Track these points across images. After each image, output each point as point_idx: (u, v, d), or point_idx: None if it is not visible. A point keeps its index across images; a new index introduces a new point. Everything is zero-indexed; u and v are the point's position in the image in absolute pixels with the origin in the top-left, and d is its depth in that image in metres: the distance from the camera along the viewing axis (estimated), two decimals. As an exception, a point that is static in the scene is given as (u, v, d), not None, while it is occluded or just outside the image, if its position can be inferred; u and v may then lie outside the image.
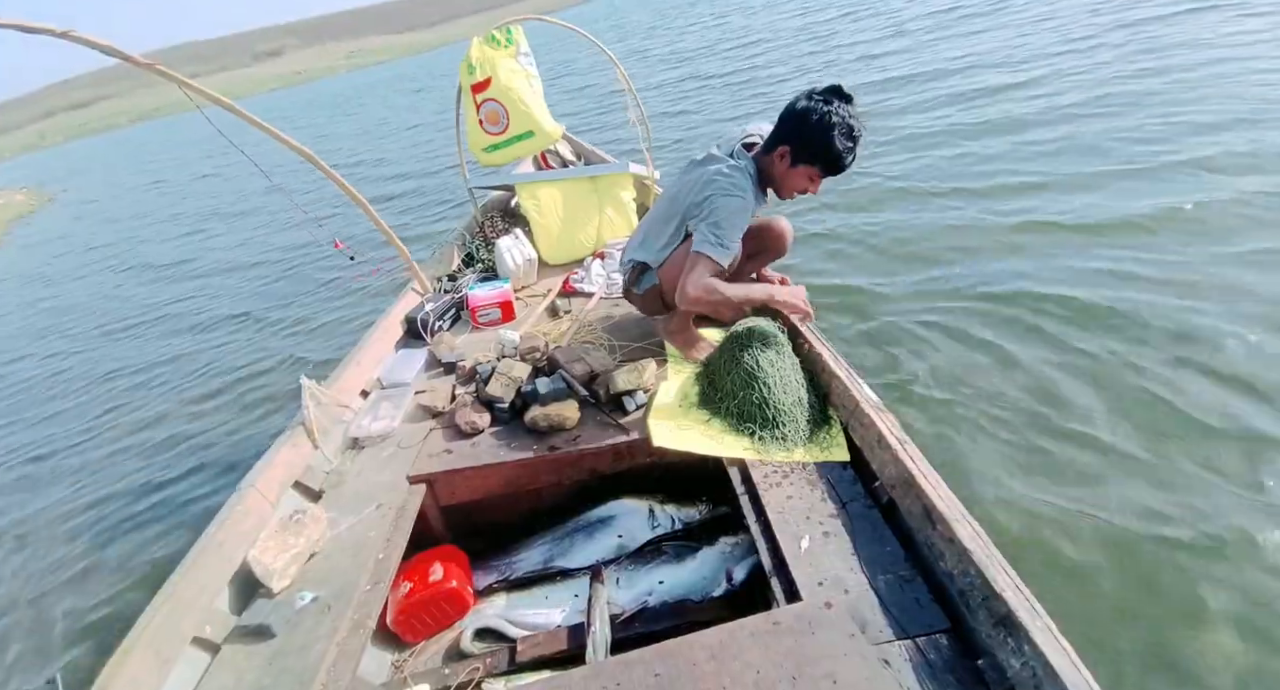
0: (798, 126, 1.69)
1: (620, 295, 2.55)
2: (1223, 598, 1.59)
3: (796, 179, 1.78)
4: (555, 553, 1.72)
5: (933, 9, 10.31)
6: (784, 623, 1.11)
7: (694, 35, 16.65)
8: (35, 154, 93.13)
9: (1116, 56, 5.62)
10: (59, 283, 8.89)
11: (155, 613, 1.23)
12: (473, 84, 3.01)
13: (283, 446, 1.71)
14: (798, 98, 1.71)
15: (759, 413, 1.60)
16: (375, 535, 1.52)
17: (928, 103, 5.94)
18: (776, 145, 1.75)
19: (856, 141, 1.68)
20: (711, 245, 1.72)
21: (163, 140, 41.69)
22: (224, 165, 16.38)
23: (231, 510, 1.48)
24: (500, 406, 1.85)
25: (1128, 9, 6.90)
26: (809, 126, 1.67)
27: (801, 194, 1.83)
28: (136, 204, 14.78)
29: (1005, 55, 6.68)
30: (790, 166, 1.75)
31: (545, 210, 3.01)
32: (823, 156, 1.70)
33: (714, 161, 1.84)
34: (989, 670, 0.99)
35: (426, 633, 1.57)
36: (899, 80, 6.89)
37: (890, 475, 1.33)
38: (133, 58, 1.89)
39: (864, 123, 1.69)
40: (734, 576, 1.51)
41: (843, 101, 1.67)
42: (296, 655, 1.25)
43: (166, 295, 6.75)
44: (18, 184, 30.57)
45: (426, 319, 2.45)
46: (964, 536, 1.09)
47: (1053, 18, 7.61)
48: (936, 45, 8.02)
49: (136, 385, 4.62)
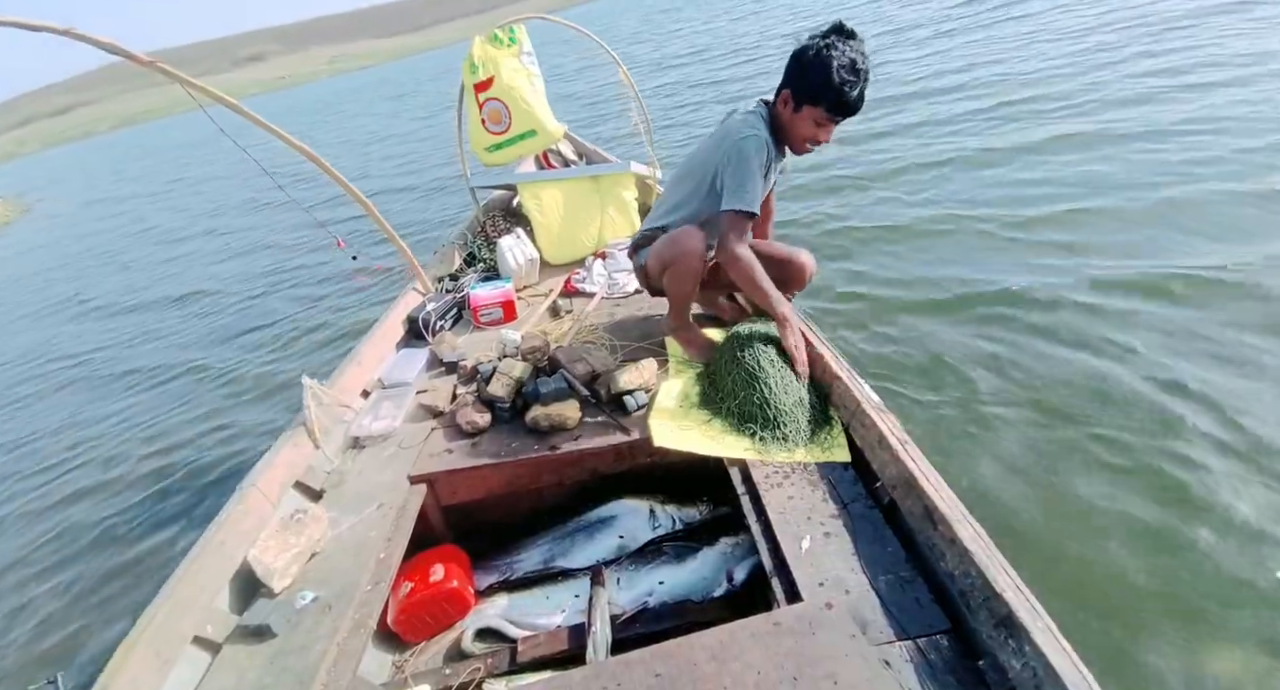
0: (796, 66, 1.64)
1: (621, 296, 2.56)
2: (1225, 599, 1.59)
3: (802, 125, 1.70)
4: (556, 553, 1.72)
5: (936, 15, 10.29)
6: (785, 623, 1.11)
7: (682, 39, 16.61)
8: (14, 162, 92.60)
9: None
10: (62, 273, 8.91)
11: (156, 612, 1.23)
12: (475, 83, 3.01)
13: (284, 446, 1.71)
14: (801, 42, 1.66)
15: (760, 413, 1.59)
16: (376, 535, 1.52)
17: (927, 105, 5.95)
18: (780, 92, 1.71)
19: (860, 76, 1.58)
20: (733, 195, 1.72)
21: (146, 144, 41.40)
22: (223, 167, 16.38)
23: (232, 510, 1.48)
24: (501, 406, 1.85)
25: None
26: (806, 64, 1.61)
27: (814, 144, 1.74)
28: (137, 204, 14.80)
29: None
30: (794, 111, 1.69)
31: (547, 210, 3.01)
32: (824, 94, 1.61)
33: (732, 116, 1.82)
34: (990, 671, 0.98)
35: (427, 633, 1.57)
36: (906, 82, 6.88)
37: (891, 476, 1.33)
38: (135, 56, 1.89)
39: (869, 60, 1.60)
40: (735, 577, 1.51)
41: (844, 37, 1.60)
42: (297, 655, 1.25)
43: (164, 296, 6.75)
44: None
45: (428, 318, 2.45)
46: (965, 537, 1.09)
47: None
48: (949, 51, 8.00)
49: (136, 385, 4.63)
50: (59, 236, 13.57)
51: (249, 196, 11.25)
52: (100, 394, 4.66)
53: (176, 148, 28.73)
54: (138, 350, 5.34)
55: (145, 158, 29.12)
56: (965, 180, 4.18)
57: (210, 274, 7.14)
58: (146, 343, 5.47)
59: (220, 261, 7.57)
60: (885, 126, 5.62)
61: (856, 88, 1.60)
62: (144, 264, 8.57)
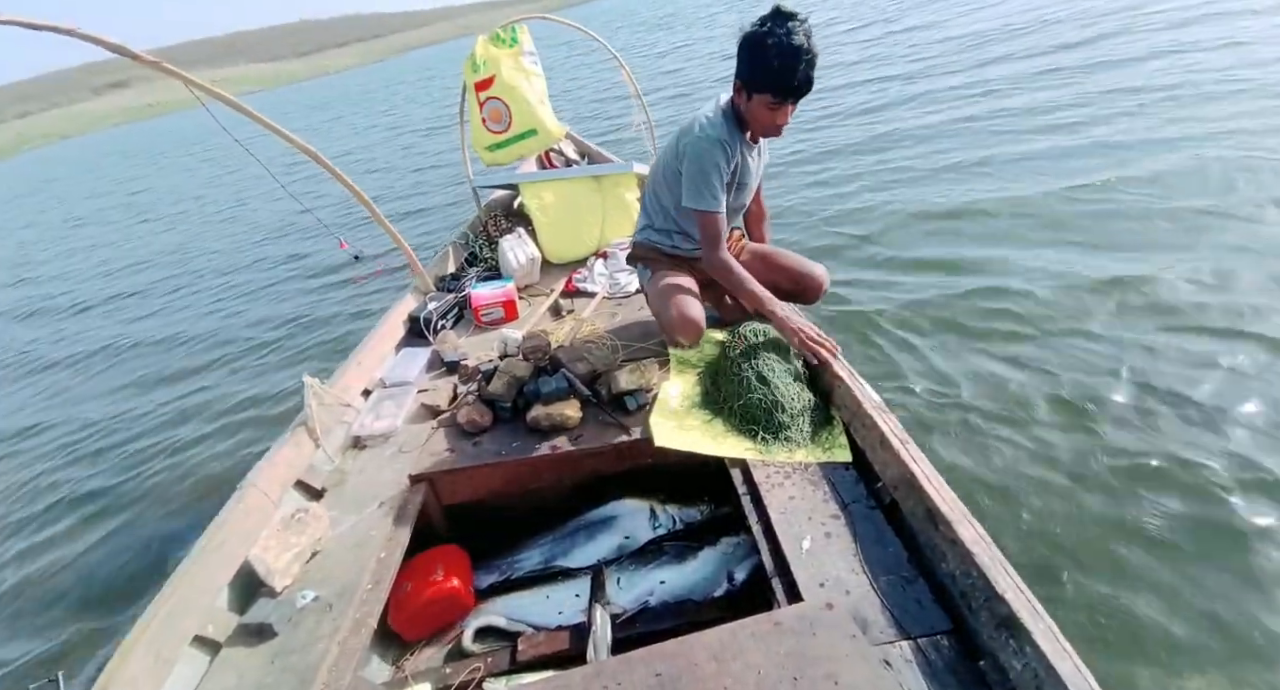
0: (741, 55, 1.67)
1: (623, 295, 2.56)
2: (1228, 600, 1.58)
3: (758, 112, 1.72)
4: (556, 552, 1.72)
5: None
6: (785, 623, 1.11)
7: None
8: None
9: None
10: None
11: (156, 612, 1.23)
12: (476, 82, 3.02)
13: (285, 445, 1.71)
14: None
15: (761, 413, 1.59)
16: (377, 534, 1.52)
17: (929, 104, 5.94)
18: (735, 83, 1.75)
19: (799, 56, 1.57)
20: (690, 196, 1.81)
21: (124, 148, 40.69)
22: (221, 168, 16.40)
23: (233, 509, 1.48)
24: (502, 406, 1.85)
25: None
26: (748, 51, 1.64)
27: (775, 129, 1.76)
28: (135, 203, 14.82)
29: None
30: (748, 100, 1.72)
31: (548, 209, 3.01)
32: (766, 79, 1.63)
33: (693, 117, 1.86)
34: (991, 672, 0.98)
35: (427, 632, 1.57)
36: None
37: (892, 476, 1.33)
38: (139, 56, 1.89)
39: (809, 39, 1.58)
40: (735, 577, 1.51)
41: (781, 20, 1.59)
42: (298, 654, 1.25)
43: (164, 295, 6.76)
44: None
45: (429, 318, 2.45)
46: (966, 537, 1.09)
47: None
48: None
49: (136, 385, 4.64)
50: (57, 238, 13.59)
51: (248, 197, 11.26)
52: (100, 394, 4.66)
53: (154, 153, 28.46)
54: (137, 350, 5.34)
55: (138, 157, 29.07)
56: (965, 177, 4.18)
57: (210, 274, 7.14)
58: (146, 342, 5.47)
59: (220, 261, 7.57)
60: (883, 117, 5.63)
61: (798, 69, 1.59)
62: (142, 264, 8.57)
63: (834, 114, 6.48)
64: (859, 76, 7.75)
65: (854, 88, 7.32)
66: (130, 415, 4.14)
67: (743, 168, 1.88)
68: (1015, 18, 8.36)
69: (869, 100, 6.67)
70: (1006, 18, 8.52)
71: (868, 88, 7.19)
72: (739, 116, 1.80)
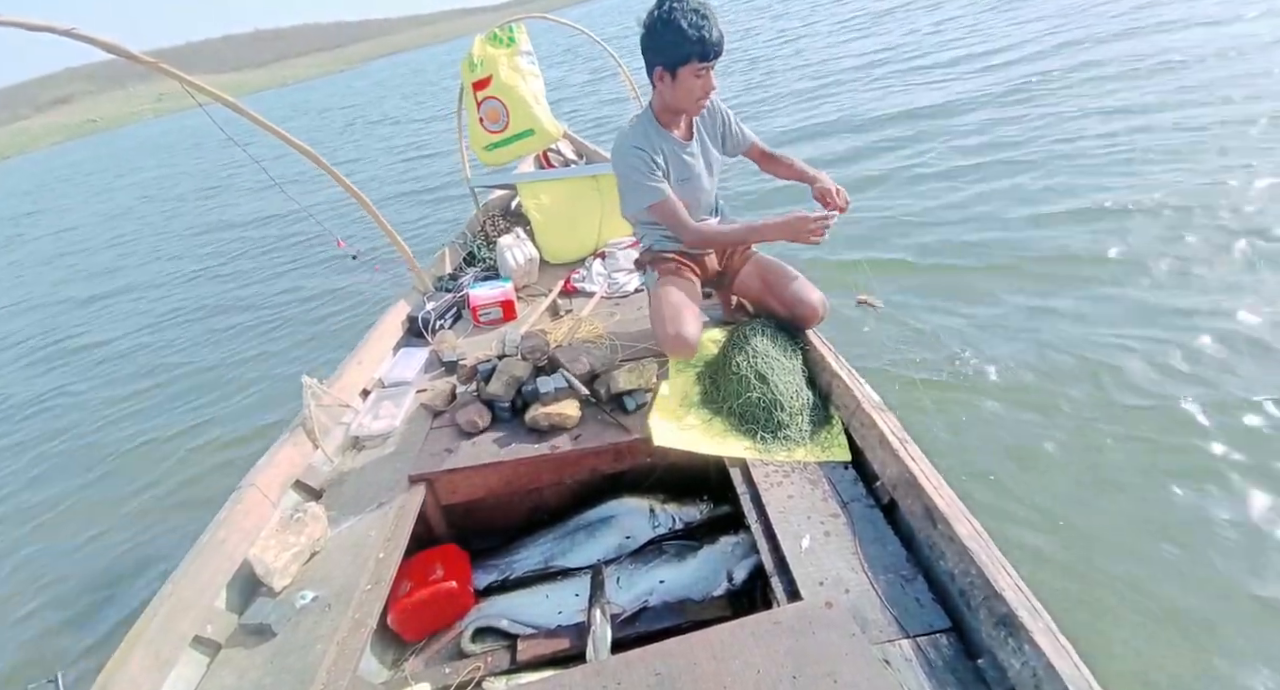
0: (650, 41, 1.70)
1: (621, 295, 2.56)
2: (1228, 600, 1.59)
3: (688, 85, 1.74)
4: (556, 552, 1.72)
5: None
6: (785, 622, 1.11)
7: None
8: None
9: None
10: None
11: (155, 612, 1.23)
12: (474, 81, 3.01)
13: (283, 445, 1.71)
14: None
15: (760, 412, 1.59)
16: (376, 534, 1.52)
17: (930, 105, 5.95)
18: (652, 74, 1.78)
19: (706, 17, 1.63)
20: (630, 203, 1.93)
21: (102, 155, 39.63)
22: (222, 168, 16.37)
23: (232, 509, 1.48)
24: (501, 405, 1.85)
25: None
26: (657, 33, 1.67)
27: (705, 96, 1.79)
28: (134, 201, 14.79)
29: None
30: (674, 80, 1.74)
31: (547, 209, 3.00)
32: (687, 48, 1.65)
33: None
34: (989, 670, 0.99)
35: (427, 632, 1.57)
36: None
37: (891, 475, 1.33)
38: (137, 56, 1.89)
39: (704, 3, 1.64)
40: (735, 576, 1.51)
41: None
42: (297, 654, 1.25)
43: (163, 295, 6.75)
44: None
45: (428, 318, 2.45)
46: (965, 536, 1.09)
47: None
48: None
49: (134, 385, 4.63)
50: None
51: (248, 197, 11.24)
52: (99, 393, 4.65)
53: (139, 156, 27.96)
54: (135, 350, 5.33)
55: (127, 164, 28.93)
56: (967, 177, 4.18)
57: (209, 274, 7.13)
58: (145, 342, 5.46)
59: (219, 261, 7.56)
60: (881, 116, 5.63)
61: (710, 28, 1.64)
62: (139, 263, 8.56)
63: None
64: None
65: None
66: (129, 415, 4.14)
67: (677, 163, 1.90)
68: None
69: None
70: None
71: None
72: (658, 117, 1.88)
